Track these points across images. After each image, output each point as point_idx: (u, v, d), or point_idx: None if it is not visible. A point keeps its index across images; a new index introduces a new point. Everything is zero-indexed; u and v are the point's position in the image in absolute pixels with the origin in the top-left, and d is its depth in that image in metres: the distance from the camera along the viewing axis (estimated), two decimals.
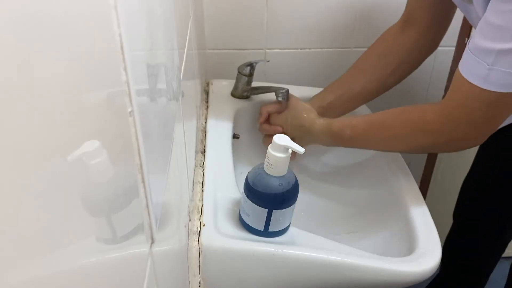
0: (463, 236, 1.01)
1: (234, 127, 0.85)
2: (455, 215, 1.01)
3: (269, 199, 0.58)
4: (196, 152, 0.73)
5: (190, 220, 0.59)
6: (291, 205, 0.59)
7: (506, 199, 0.91)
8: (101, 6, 0.24)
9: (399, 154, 0.82)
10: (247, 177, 0.60)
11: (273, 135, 0.62)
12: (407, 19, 0.84)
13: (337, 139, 0.75)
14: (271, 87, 0.91)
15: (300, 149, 0.55)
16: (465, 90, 0.60)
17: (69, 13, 0.21)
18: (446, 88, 1.20)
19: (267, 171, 0.58)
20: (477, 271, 1.05)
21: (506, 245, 1.02)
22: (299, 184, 0.60)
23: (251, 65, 0.91)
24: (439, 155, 1.31)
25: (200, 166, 0.73)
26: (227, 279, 0.62)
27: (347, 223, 0.81)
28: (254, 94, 0.94)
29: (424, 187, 1.36)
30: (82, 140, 0.23)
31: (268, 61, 0.93)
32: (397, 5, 1.05)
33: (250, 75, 0.92)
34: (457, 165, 1.27)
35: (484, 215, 0.96)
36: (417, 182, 0.77)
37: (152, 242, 0.34)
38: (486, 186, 0.94)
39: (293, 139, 0.64)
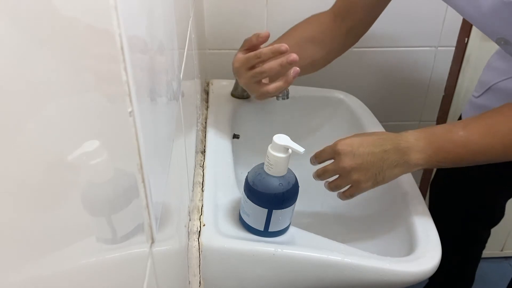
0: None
1: (234, 127, 0.85)
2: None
3: (269, 199, 0.58)
4: (196, 152, 0.73)
5: (190, 220, 0.59)
6: (291, 205, 0.59)
7: (472, 198, 0.92)
8: (101, 6, 0.24)
9: None
10: (247, 177, 0.60)
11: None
12: (338, 13, 0.81)
13: (443, 145, 0.60)
14: None
15: (300, 149, 0.55)
16: None
17: (69, 13, 0.21)
18: (446, 88, 1.20)
19: (267, 171, 0.58)
20: (461, 270, 1.05)
21: (484, 242, 1.03)
22: (299, 185, 0.60)
23: None
24: None
25: (200, 166, 0.73)
26: (227, 279, 0.62)
27: (347, 223, 0.81)
28: None
29: (424, 187, 1.36)
30: (82, 140, 0.23)
31: None
32: (396, 5, 1.05)
33: None
34: None
35: (453, 216, 0.96)
36: (417, 182, 0.77)
37: (152, 242, 0.34)
38: (452, 187, 0.95)
39: (365, 168, 0.60)
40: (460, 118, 0.93)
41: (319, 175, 0.68)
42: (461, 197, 0.94)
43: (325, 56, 0.83)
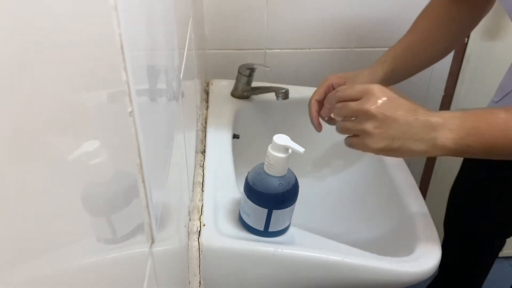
0: (454, 245, 1.00)
1: (234, 127, 0.85)
2: (445, 225, 1.00)
3: (269, 199, 0.58)
4: (196, 152, 0.73)
5: (190, 220, 0.59)
6: (291, 205, 0.59)
7: (494, 206, 0.91)
8: (101, 6, 0.24)
9: None
10: (247, 177, 0.60)
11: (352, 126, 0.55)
12: None
13: (479, 125, 0.52)
14: (271, 87, 0.91)
15: (300, 149, 0.55)
16: None
17: (69, 13, 0.21)
18: (446, 88, 1.20)
19: (267, 171, 0.58)
20: (471, 278, 1.05)
21: (498, 250, 1.02)
22: (300, 185, 0.60)
23: (252, 69, 0.91)
24: None
25: (200, 166, 0.73)
26: (227, 279, 0.62)
27: (347, 223, 0.81)
28: (254, 94, 0.94)
29: (424, 187, 1.36)
30: (82, 140, 0.23)
31: (269, 68, 0.93)
32: (396, 5, 1.05)
33: (250, 75, 0.92)
34: (457, 165, 1.27)
35: (472, 224, 0.96)
36: (417, 182, 0.76)
37: (152, 242, 0.34)
38: (474, 194, 0.94)
39: (388, 123, 0.52)
40: None
41: (337, 109, 0.59)
42: (479, 205, 0.93)
43: (452, 43, 0.81)
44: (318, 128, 0.77)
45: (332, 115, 0.72)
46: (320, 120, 0.75)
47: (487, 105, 0.86)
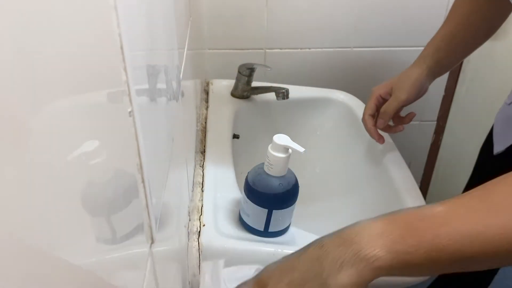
0: None
1: (234, 127, 0.85)
2: None
3: (269, 199, 0.58)
4: (196, 152, 0.73)
5: (190, 220, 0.59)
6: (291, 205, 0.59)
7: None
8: (101, 6, 0.24)
9: (398, 153, 0.82)
10: (247, 177, 0.60)
11: None
12: None
13: (413, 222, 0.38)
14: (271, 87, 0.91)
15: (300, 149, 0.55)
16: None
17: (69, 13, 0.21)
18: (446, 88, 1.20)
19: (267, 171, 0.58)
20: (477, 278, 1.04)
21: None
22: (299, 185, 0.60)
23: (252, 69, 0.91)
24: (440, 155, 1.31)
25: (200, 166, 0.73)
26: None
27: (347, 223, 0.81)
28: (254, 94, 0.94)
29: (424, 187, 1.36)
30: (82, 140, 0.23)
31: (270, 68, 0.93)
32: (397, 5, 1.05)
33: (250, 75, 0.92)
34: (458, 165, 1.27)
35: None
36: (417, 182, 0.76)
37: (152, 242, 0.34)
38: None
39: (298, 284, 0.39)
40: (492, 129, 0.83)
41: None
42: None
43: (494, 26, 0.77)
44: (380, 141, 0.79)
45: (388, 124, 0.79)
46: (379, 131, 0.78)
47: (500, 109, 0.81)
